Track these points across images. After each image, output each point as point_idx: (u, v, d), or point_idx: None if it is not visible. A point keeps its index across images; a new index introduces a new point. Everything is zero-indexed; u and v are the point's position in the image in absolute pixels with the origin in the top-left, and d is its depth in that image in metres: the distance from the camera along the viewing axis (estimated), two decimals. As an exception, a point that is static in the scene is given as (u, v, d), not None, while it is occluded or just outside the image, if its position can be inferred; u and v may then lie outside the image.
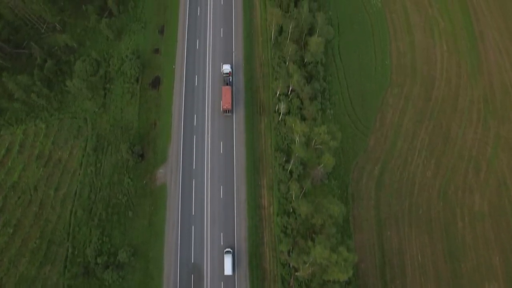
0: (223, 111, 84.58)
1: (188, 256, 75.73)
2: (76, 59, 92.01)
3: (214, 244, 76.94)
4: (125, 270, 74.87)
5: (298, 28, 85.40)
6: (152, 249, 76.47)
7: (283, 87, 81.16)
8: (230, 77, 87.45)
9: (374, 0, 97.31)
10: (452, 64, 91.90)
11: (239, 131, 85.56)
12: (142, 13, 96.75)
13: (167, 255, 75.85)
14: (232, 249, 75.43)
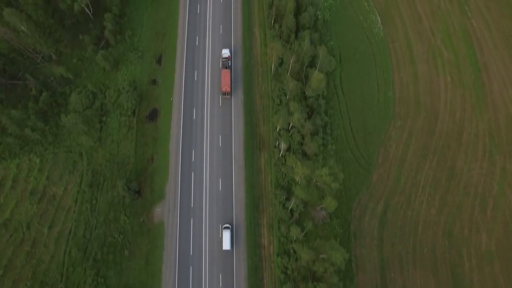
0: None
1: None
2: (72, 91, 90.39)
3: (212, 287, 74.79)
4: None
5: (299, 61, 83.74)
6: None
7: (284, 123, 79.24)
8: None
9: (376, 29, 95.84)
10: (456, 96, 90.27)
11: (239, 166, 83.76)
12: (140, 41, 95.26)
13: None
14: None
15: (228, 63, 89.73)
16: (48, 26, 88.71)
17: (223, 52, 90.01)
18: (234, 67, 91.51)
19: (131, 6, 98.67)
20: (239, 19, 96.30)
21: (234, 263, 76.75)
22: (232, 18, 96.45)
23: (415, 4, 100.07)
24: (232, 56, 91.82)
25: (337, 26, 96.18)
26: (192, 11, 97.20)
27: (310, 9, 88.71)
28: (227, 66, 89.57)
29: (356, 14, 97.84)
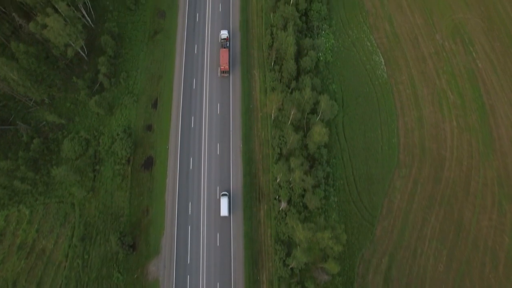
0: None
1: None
2: (65, 137, 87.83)
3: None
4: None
5: (300, 109, 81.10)
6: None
7: (285, 178, 76.36)
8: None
9: (380, 71, 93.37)
10: (462, 142, 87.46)
11: (237, 220, 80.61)
12: (135, 84, 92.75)
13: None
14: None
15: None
16: (40, 73, 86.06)
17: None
18: (233, 113, 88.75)
19: (127, 46, 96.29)
20: (238, 61, 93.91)
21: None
22: (231, 58, 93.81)
23: (418, 43, 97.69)
24: (230, 101, 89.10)
25: (340, 68, 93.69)
26: (189, 52, 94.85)
27: (311, 53, 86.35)
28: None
29: (359, 55, 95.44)
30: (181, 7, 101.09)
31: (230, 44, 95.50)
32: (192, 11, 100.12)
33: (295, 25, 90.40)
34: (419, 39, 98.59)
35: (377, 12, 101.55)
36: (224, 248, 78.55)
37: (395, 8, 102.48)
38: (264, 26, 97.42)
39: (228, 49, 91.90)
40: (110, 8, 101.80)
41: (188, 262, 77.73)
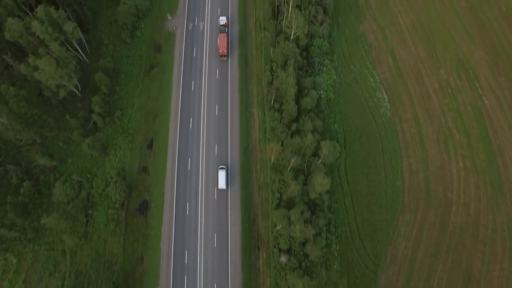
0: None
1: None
2: (57, 179, 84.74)
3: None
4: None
5: (300, 153, 78.25)
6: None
7: (285, 230, 73.31)
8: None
9: (383, 108, 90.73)
10: (470, 185, 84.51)
11: (235, 268, 77.81)
12: (130, 123, 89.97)
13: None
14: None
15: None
16: (31, 115, 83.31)
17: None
18: (231, 156, 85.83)
19: (122, 82, 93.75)
20: (236, 98, 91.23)
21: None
22: (229, 96, 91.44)
23: (422, 78, 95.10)
24: (229, 144, 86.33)
25: (342, 105, 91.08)
26: (185, 88, 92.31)
27: (312, 92, 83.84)
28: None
29: (362, 91, 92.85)
30: (178, 40, 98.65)
31: (229, 76, 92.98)
32: (189, 45, 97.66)
33: (295, 61, 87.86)
34: (423, 74, 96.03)
35: (379, 45, 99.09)
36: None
37: (398, 41, 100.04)
38: (264, 60, 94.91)
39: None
40: (105, 41, 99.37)
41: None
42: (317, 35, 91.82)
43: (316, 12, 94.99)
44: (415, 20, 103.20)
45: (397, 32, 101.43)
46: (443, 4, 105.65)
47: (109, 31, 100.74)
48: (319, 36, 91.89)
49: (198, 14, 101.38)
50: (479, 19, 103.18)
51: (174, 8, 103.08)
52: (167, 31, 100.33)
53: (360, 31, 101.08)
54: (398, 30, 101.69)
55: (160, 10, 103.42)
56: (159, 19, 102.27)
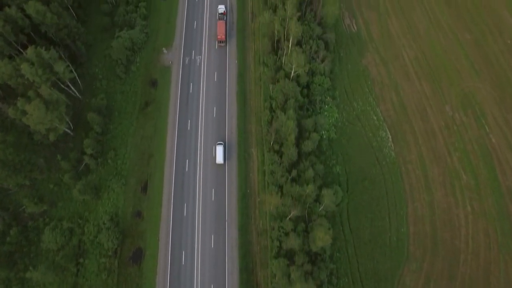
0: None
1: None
2: (46, 224, 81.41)
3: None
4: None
5: (300, 202, 74.97)
6: None
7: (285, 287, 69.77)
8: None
9: (387, 148, 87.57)
10: (478, 231, 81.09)
11: (233, 323, 73.72)
12: (124, 164, 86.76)
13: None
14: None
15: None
16: (19, 161, 79.99)
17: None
18: (228, 199, 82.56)
19: (115, 120, 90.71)
20: (234, 138, 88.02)
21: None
22: (227, 136, 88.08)
23: (427, 116, 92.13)
24: (226, 186, 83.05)
25: (344, 146, 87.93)
26: (181, 127, 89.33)
27: (313, 136, 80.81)
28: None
29: (365, 130, 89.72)
30: (174, 75, 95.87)
31: (226, 114, 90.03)
32: (185, 80, 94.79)
33: (296, 101, 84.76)
34: (428, 111, 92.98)
35: (383, 80, 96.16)
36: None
37: (401, 76, 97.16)
38: (263, 97, 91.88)
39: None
40: (99, 76, 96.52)
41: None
42: (318, 72, 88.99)
43: (317, 47, 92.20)
44: (419, 53, 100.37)
45: (401, 66, 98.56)
46: (447, 37, 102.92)
47: (103, 65, 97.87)
48: (320, 74, 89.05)
49: (195, 47, 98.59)
50: (485, 52, 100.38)
51: (171, 41, 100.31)
52: (163, 65, 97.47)
53: (363, 65, 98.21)
54: (402, 64, 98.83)
55: (156, 43, 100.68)
56: (155, 52, 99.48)
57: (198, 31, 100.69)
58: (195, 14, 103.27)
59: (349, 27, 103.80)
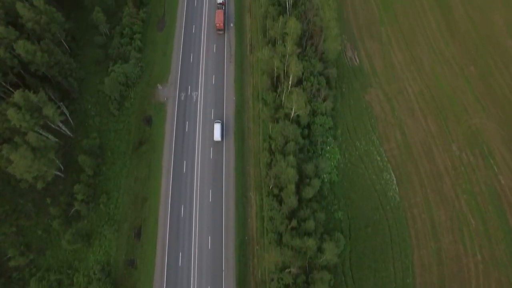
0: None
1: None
2: (33, 275, 77.54)
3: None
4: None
5: (300, 255, 71.14)
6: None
7: None
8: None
9: (391, 192, 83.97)
10: (490, 282, 77.65)
11: None
12: (116, 208, 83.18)
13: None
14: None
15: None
16: (4, 211, 76.25)
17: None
18: (225, 247, 78.71)
19: (108, 160, 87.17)
20: (231, 181, 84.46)
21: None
22: (224, 179, 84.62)
23: (433, 156, 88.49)
24: (223, 233, 79.25)
25: (346, 189, 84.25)
26: (177, 169, 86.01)
27: (314, 182, 76.89)
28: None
29: (368, 172, 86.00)
30: (169, 112, 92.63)
31: (224, 155, 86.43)
32: (181, 118, 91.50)
33: (296, 143, 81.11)
34: (434, 151, 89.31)
35: (386, 117, 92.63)
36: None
37: (406, 112, 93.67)
38: (262, 136, 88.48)
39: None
40: (92, 112, 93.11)
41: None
42: (319, 112, 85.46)
43: (318, 84, 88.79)
44: (424, 87, 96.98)
45: (405, 101, 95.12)
46: (452, 70, 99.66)
47: (96, 101, 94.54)
48: (322, 113, 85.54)
49: (191, 82, 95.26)
50: (491, 86, 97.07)
51: (166, 75, 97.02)
52: (158, 101, 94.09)
53: (366, 101, 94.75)
54: (406, 99, 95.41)
55: (151, 77, 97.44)
56: (150, 87, 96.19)
57: (194, 65, 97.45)
58: (192, 47, 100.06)
59: (351, 59, 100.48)
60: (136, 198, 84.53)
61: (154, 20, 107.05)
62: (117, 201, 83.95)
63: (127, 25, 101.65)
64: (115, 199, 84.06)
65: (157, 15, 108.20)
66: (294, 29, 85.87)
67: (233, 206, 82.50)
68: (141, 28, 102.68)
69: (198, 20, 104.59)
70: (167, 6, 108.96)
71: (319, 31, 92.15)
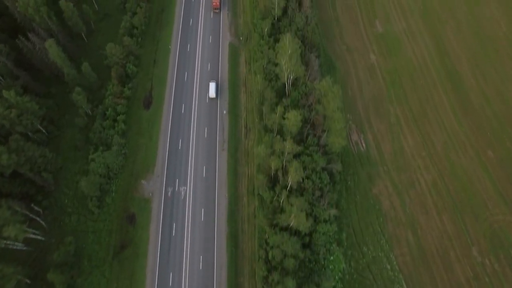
0: None
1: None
2: None
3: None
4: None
5: None
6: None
7: None
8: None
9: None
10: None
11: None
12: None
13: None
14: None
15: None
16: None
17: None
18: None
19: (85, 269, 78.26)
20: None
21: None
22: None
23: (451, 263, 79.59)
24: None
25: (353, 307, 73.83)
26: (163, 283, 75.04)
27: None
28: None
29: (377, 284, 76.40)
30: (154, 210, 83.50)
31: (215, 266, 76.54)
32: (167, 218, 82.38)
33: (296, 258, 71.12)
34: (451, 256, 79.59)
35: (396, 215, 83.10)
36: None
37: (418, 208, 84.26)
38: (258, 241, 78.97)
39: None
40: (68, 209, 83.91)
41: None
42: (322, 219, 75.70)
43: (321, 181, 79.29)
44: (438, 177, 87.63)
45: (417, 195, 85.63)
46: (467, 154, 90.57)
47: (74, 194, 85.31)
48: (325, 221, 75.75)
49: (179, 174, 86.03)
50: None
51: (152, 165, 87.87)
52: (143, 197, 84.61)
53: (373, 195, 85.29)
54: (419, 192, 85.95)
55: (134, 166, 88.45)
56: (133, 178, 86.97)
57: (183, 153, 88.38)
58: (181, 131, 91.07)
59: (357, 144, 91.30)
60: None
61: (141, 95, 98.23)
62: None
63: (110, 105, 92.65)
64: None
65: (144, 89, 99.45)
66: (294, 121, 77.07)
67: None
68: (125, 108, 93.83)
69: (189, 98, 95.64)
70: (154, 80, 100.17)
71: (322, 121, 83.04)
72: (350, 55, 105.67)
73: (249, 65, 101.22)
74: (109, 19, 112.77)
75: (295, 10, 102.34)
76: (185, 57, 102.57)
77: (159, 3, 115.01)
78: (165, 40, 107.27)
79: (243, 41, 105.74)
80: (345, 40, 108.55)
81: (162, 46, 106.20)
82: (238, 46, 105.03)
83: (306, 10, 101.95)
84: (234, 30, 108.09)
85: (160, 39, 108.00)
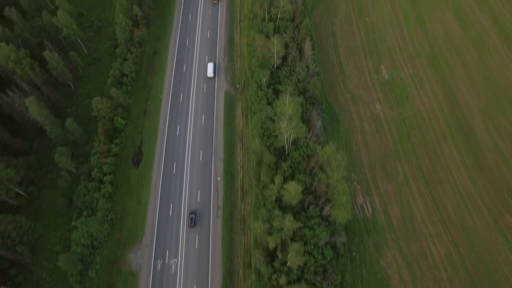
0: None
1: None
2: None
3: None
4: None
5: None
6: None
7: None
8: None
9: None
10: None
11: None
12: None
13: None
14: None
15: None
16: None
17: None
18: None
19: None
20: None
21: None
22: None
23: None
24: None
25: None
26: None
27: None
28: None
29: None
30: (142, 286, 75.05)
31: None
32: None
33: None
34: None
35: (407, 294, 75.47)
36: None
37: (431, 284, 76.88)
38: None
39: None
40: (46, 286, 76.49)
41: None
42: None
43: (323, 257, 72.16)
44: (451, 246, 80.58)
45: (429, 267, 78.41)
46: (483, 220, 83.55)
47: (54, 268, 78.55)
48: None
49: (170, 245, 79.33)
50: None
51: (140, 233, 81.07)
52: (130, 270, 77.55)
53: (381, 268, 78.17)
54: (430, 264, 78.69)
55: (121, 234, 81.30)
56: (120, 249, 79.94)
57: (174, 221, 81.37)
58: (172, 194, 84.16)
59: (363, 209, 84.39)
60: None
61: (130, 151, 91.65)
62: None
63: (96, 165, 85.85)
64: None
65: (134, 143, 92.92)
66: (295, 194, 70.18)
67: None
68: (113, 167, 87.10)
69: (181, 156, 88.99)
70: (145, 133, 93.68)
71: (325, 189, 76.19)
72: (354, 104, 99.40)
73: (246, 117, 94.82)
74: (99, 63, 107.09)
75: (296, 58, 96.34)
76: (178, 108, 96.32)
77: (151, 45, 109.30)
78: (156, 88, 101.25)
79: (239, 90, 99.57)
80: (349, 87, 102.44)
81: (153, 94, 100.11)
82: (234, 96, 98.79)
83: (307, 59, 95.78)
84: (230, 77, 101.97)
85: (151, 86, 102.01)
